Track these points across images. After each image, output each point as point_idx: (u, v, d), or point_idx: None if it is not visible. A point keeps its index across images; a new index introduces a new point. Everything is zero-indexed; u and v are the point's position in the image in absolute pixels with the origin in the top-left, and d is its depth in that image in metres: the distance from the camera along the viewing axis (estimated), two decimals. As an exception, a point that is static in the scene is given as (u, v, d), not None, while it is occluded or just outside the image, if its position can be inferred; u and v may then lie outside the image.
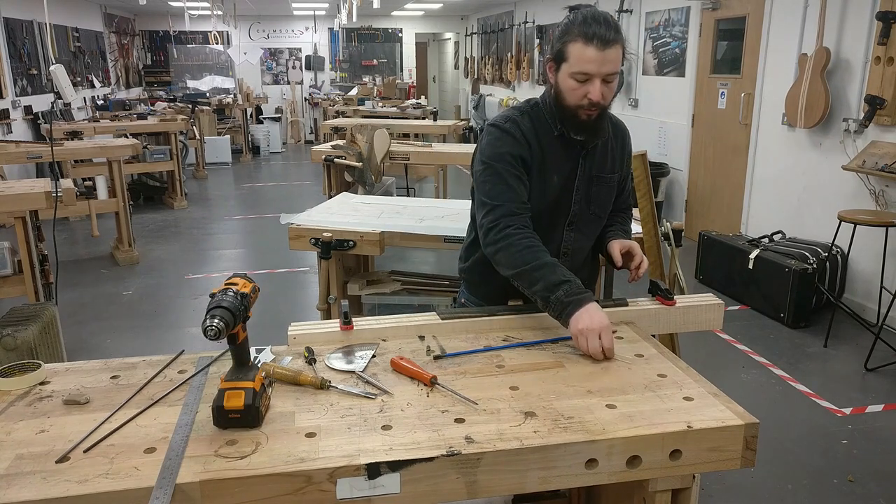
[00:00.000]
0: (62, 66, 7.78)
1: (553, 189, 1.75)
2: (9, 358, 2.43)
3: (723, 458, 1.22)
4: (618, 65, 1.61)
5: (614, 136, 1.83)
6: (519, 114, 1.76)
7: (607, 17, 1.61)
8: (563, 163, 1.75)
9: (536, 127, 1.74)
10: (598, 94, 1.61)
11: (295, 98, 13.91)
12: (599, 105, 1.64)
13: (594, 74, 1.60)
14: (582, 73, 1.60)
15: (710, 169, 6.00)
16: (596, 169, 1.79)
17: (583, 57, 1.58)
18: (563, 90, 1.66)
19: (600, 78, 1.61)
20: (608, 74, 1.61)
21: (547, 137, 1.73)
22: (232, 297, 1.22)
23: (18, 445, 1.16)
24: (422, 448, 1.14)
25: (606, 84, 1.63)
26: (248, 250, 6.15)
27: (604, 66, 1.59)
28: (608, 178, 1.82)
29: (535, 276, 1.59)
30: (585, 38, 1.57)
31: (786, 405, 3.28)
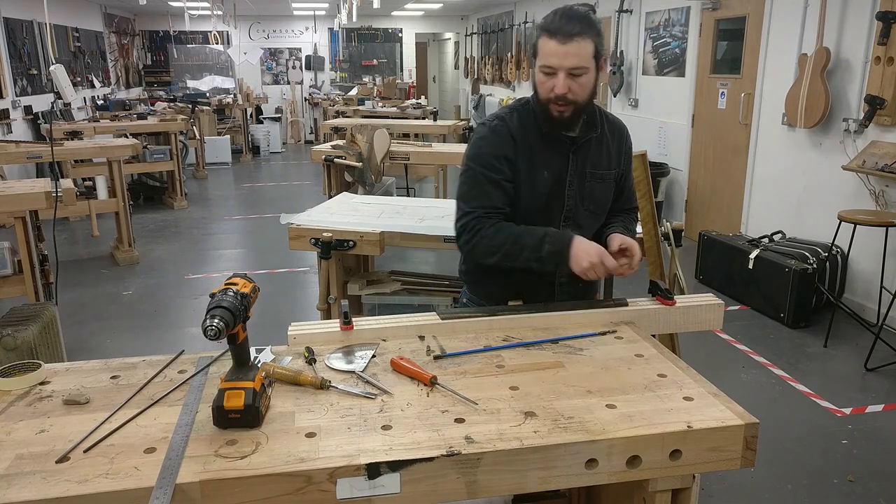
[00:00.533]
0: (62, 66, 7.78)
1: (544, 184, 1.76)
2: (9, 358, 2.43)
3: (723, 458, 1.22)
4: (583, 59, 1.62)
5: (611, 133, 1.84)
6: (508, 111, 1.80)
7: (575, 13, 1.62)
8: (553, 158, 1.76)
9: (524, 124, 1.76)
10: (562, 87, 1.63)
11: (295, 98, 13.91)
12: (566, 99, 1.65)
13: (557, 68, 1.62)
14: (547, 67, 1.64)
15: (710, 169, 6.00)
16: (590, 165, 1.80)
17: (546, 50, 1.62)
18: (537, 84, 1.70)
19: (564, 71, 1.62)
20: (572, 68, 1.62)
21: (535, 134, 1.75)
22: (232, 297, 1.22)
23: (18, 445, 1.16)
24: (422, 448, 1.14)
25: (574, 78, 1.64)
26: (248, 250, 6.15)
27: (566, 60, 1.61)
28: (603, 174, 1.82)
29: (518, 248, 1.69)
30: (549, 33, 1.61)
31: (786, 405, 3.28)
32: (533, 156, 1.75)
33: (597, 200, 1.84)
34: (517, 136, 1.75)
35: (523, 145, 1.75)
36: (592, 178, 1.81)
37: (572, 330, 1.66)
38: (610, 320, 1.71)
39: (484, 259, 1.76)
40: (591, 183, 1.81)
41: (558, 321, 1.70)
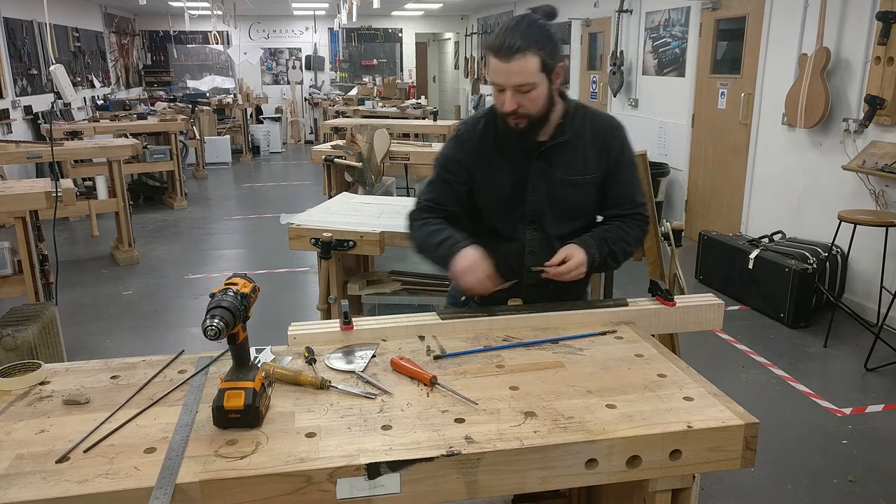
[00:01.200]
0: (62, 66, 7.79)
1: (503, 188, 1.78)
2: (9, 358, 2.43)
3: (723, 458, 1.22)
4: (528, 76, 1.58)
5: (592, 136, 1.78)
6: (479, 117, 1.84)
7: (518, 27, 1.58)
8: (514, 163, 1.76)
9: (489, 129, 1.78)
10: (510, 104, 1.62)
11: (295, 98, 13.91)
12: (517, 114, 1.64)
13: (504, 85, 1.61)
14: (494, 84, 1.64)
15: (710, 169, 6.00)
16: (560, 170, 1.76)
17: (492, 68, 1.62)
18: (493, 97, 1.70)
19: (511, 88, 1.60)
20: (518, 85, 1.59)
21: (498, 138, 1.77)
22: (232, 297, 1.22)
23: (18, 445, 1.16)
24: (422, 448, 1.14)
25: (523, 94, 1.61)
26: (248, 250, 6.15)
27: (510, 78, 1.59)
28: (577, 179, 1.77)
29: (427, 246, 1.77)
30: (492, 50, 1.60)
31: (786, 405, 3.28)
32: (494, 160, 1.78)
33: (569, 206, 1.80)
34: (479, 143, 1.78)
35: (485, 151, 1.78)
36: (563, 183, 1.76)
37: (572, 330, 1.66)
38: (610, 320, 1.71)
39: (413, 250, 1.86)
40: (563, 188, 1.77)
41: (558, 321, 1.70)
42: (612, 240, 1.77)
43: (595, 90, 8.32)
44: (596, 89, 8.29)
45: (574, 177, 1.78)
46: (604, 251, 1.74)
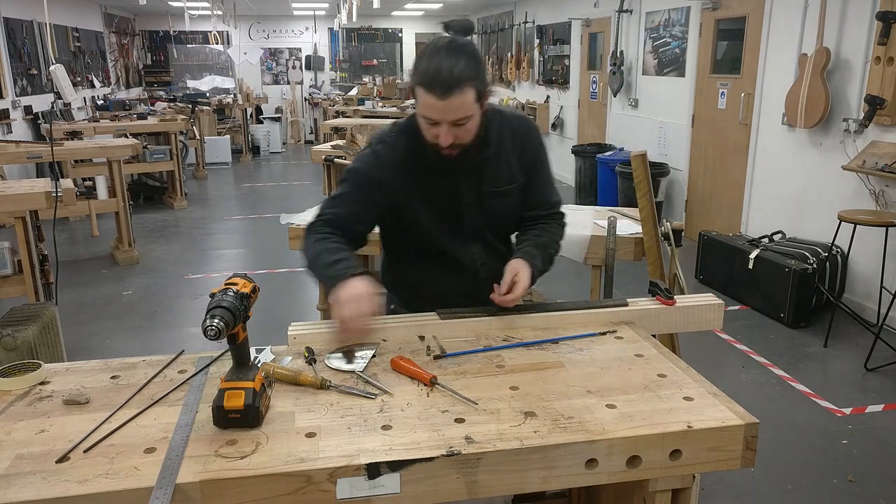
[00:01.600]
0: (62, 66, 7.78)
1: (438, 208, 1.71)
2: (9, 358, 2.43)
3: (723, 458, 1.22)
4: (465, 109, 1.53)
5: (512, 142, 1.75)
6: (397, 132, 1.73)
7: (448, 59, 1.49)
8: (442, 181, 1.70)
9: (411, 146, 1.69)
10: (446, 139, 1.56)
11: (295, 98, 13.91)
12: (453, 145, 1.59)
13: (439, 121, 1.54)
14: (429, 119, 1.56)
15: (710, 169, 6.00)
16: (488, 184, 1.73)
17: (426, 104, 1.53)
18: (420, 125, 1.61)
19: (446, 123, 1.54)
20: (455, 120, 1.54)
21: (423, 155, 1.67)
22: (232, 297, 1.22)
23: (18, 445, 1.16)
24: (422, 448, 1.14)
25: (458, 126, 1.56)
26: (248, 250, 6.15)
27: (446, 115, 1.53)
28: (504, 189, 1.75)
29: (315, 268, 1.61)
30: (426, 87, 1.50)
31: (786, 405, 3.28)
32: (422, 182, 1.69)
33: (501, 217, 1.79)
34: (400, 163, 1.69)
35: (410, 169, 1.69)
36: (493, 196, 1.74)
37: (572, 330, 1.66)
38: (610, 320, 1.71)
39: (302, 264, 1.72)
40: (493, 201, 1.74)
41: (558, 321, 1.70)
42: (547, 245, 1.78)
43: (595, 90, 8.32)
44: (596, 89, 8.29)
45: (503, 187, 1.75)
46: (546, 259, 1.75)
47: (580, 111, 8.80)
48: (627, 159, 6.09)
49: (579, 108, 8.81)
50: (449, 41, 1.55)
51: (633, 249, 2.58)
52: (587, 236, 2.59)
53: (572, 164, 7.93)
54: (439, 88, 1.49)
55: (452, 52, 1.52)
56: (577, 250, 2.61)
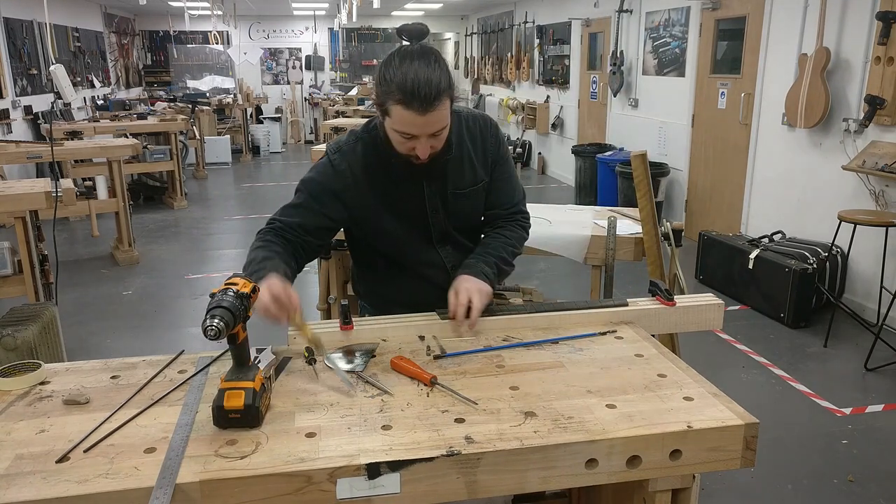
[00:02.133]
0: (62, 66, 7.78)
1: (403, 216, 1.70)
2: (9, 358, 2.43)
3: (723, 458, 1.22)
4: (444, 120, 1.52)
5: (472, 143, 1.73)
6: (354, 141, 1.70)
7: (429, 75, 1.45)
8: (405, 186, 1.68)
9: (369, 154, 1.67)
10: (425, 151, 1.55)
11: (295, 98, 13.91)
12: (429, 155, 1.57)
13: (418, 135, 1.52)
14: (406, 133, 1.52)
15: (710, 169, 6.00)
16: (452, 186, 1.72)
17: (405, 120, 1.49)
18: (391, 139, 1.58)
19: (425, 136, 1.53)
20: (434, 132, 1.53)
21: (384, 162, 1.65)
22: (232, 297, 1.22)
23: (18, 445, 1.16)
24: (422, 448, 1.14)
25: (436, 136, 1.55)
26: (248, 250, 6.13)
27: (427, 128, 1.51)
28: (468, 191, 1.74)
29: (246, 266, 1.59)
30: (404, 103, 1.46)
31: (786, 405, 3.28)
32: (384, 185, 1.67)
33: (467, 217, 1.78)
34: (359, 173, 1.66)
35: (371, 178, 1.66)
36: (456, 197, 1.73)
37: (572, 330, 1.66)
38: (610, 320, 1.71)
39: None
40: (457, 203, 1.74)
41: (558, 321, 1.70)
42: (497, 248, 1.77)
43: (595, 90, 8.32)
44: (596, 89, 8.29)
45: (466, 189, 1.74)
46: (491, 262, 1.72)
47: (580, 111, 8.80)
48: (627, 159, 6.09)
49: (579, 108, 8.81)
50: (418, 50, 1.51)
51: (633, 249, 2.58)
52: (587, 236, 2.59)
53: (572, 164, 7.93)
54: (420, 104, 1.45)
55: (425, 63, 1.47)
56: (577, 250, 2.60)
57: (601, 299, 2.42)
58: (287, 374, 1.43)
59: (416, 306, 1.73)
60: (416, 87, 1.44)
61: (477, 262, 1.72)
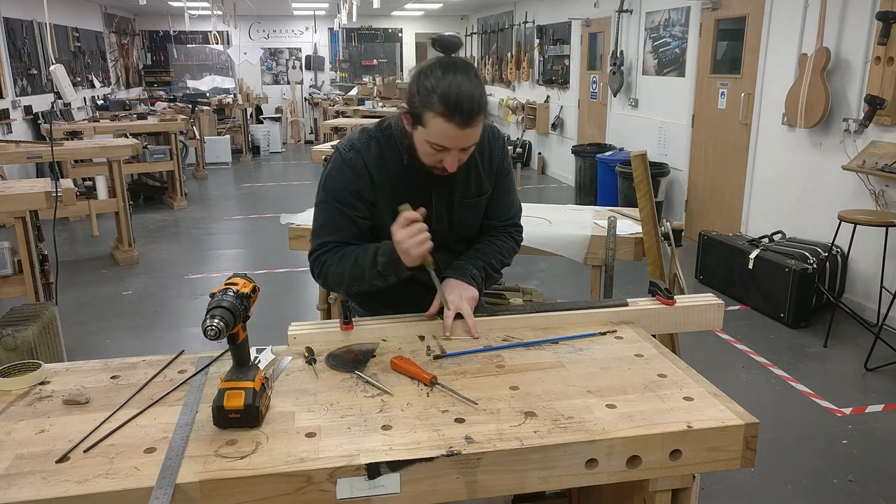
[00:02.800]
0: (62, 66, 7.78)
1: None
2: (9, 358, 2.43)
3: (723, 458, 1.22)
4: (478, 135, 1.53)
5: (479, 153, 1.73)
6: (367, 139, 1.67)
7: (471, 90, 1.46)
8: (417, 189, 1.66)
9: (384, 154, 1.65)
10: (454, 165, 1.55)
11: (295, 98, 13.91)
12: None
13: (451, 148, 1.52)
14: (439, 146, 1.52)
15: (710, 169, 6.00)
16: (459, 195, 1.72)
17: (443, 133, 1.48)
18: (419, 149, 1.57)
19: (457, 150, 1.53)
20: (467, 147, 1.54)
21: (395, 165, 1.65)
22: (232, 297, 1.22)
23: (18, 445, 1.16)
24: (422, 448, 1.14)
25: (465, 151, 1.55)
26: (248, 250, 6.15)
27: (462, 143, 1.51)
28: (473, 202, 1.75)
29: (359, 270, 1.60)
30: (448, 117, 1.45)
31: (786, 405, 3.28)
32: (396, 188, 1.65)
33: (468, 227, 1.78)
34: (374, 172, 1.64)
35: (383, 180, 1.65)
36: (462, 206, 1.73)
37: (572, 330, 1.66)
38: (610, 320, 1.71)
39: (337, 288, 1.71)
40: (461, 212, 1.74)
41: (558, 321, 1.70)
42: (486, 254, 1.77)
43: (595, 90, 8.32)
44: (596, 89, 8.29)
45: (472, 199, 1.75)
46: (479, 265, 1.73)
47: (580, 111, 8.80)
48: (627, 159, 6.09)
49: (579, 108, 8.81)
50: (460, 62, 1.51)
51: (633, 249, 2.58)
52: (587, 236, 2.59)
53: (572, 164, 7.93)
54: (462, 118, 1.45)
55: (467, 77, 1.47)
56: (577, 250, 2.60)
57: (601, 299, 2.42)
58: (287, 374, 1.43)
59: (402, 308, 1.73)
60: (460, 101, 1.44)
61: (466, 265, 1.73)
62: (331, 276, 1.65)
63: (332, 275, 1.65)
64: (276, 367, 1.46)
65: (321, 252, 1.67)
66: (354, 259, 1.61)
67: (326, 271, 1.65)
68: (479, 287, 1.71)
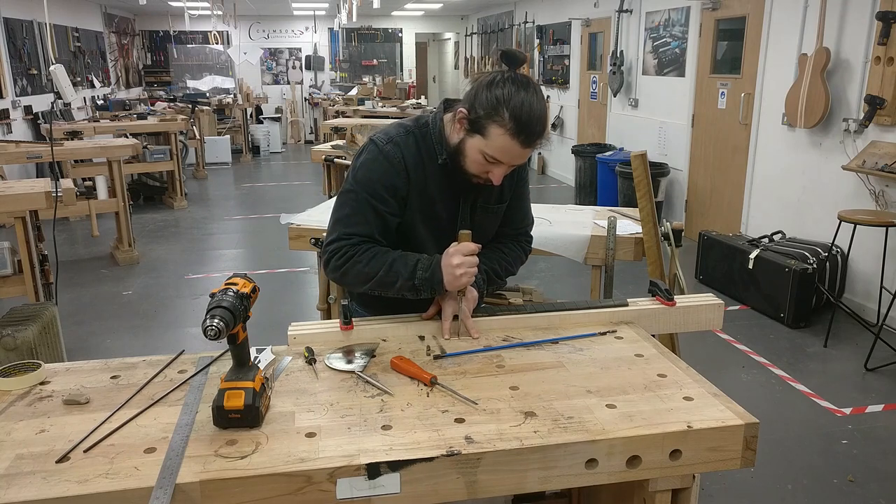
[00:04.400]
0: (62, 66, 7.78)
1: (438, 217, 1.67)
2: (9, 358, 2.43)
3: (723, 458, 1.22)
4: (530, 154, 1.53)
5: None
6: (404, 133, 1.63)
7: (542, 112, 1.46)
8: (446, 190, 1.65)
9: (421, 151, 1.62)
10: (501, 178, 1.55)
11: (295, 98, 13.91)
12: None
13: (506, 163, 1.52)
14: (495, 159, 1.51)
15: (710, 169, 6.00)
16: (483, 199, 1.71)
17: (504, 148, 1.48)
18: (467, 155, 1.55)
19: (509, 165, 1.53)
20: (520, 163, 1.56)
21: (431, 164, 1.62)
22: (232, 297, 1.22)
23: (18, 445, 1.16)
24: (422, 448, 1.14)
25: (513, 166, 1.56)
26: (248, 250, 6.15)
27: (518, 160, 1.53)
28: (494, 207, 1.74)
29: (392, 277, 1.56)
30: (514, 134, 1.45)
31: (786, 405, 3.28)
32: (427, 187, 1.62)
33: (485, 233, 1.76)
34: (411, 167, 1.60)
35: (418, 176, 1.61)
36: (484, 211, 1.72)
37: (572, 330, 1.66)
38: (610, 320, 1.71)
39: (354, 287, 1.65)
40: (482, 216, 1.73)
41: (558, 321, 1.70)
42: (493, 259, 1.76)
43: (595, 90, 8.32)
44: (596, 89, 8.29)
45: (495, 205, 1.74)
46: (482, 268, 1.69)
47: (580, 111, 8.80)
48: (627, 159, 6.09)
49: (579, 108, 8.81)
50: (530, 81, 1.50)
51: (633, 249, 2.58)
52: (587, 236, 2.59)
53: (572, 164, 7.94)
54: (527, 138, 1.45)
55: (537, 97, 1.47)
56: (576, 250, 2.60)
57: (601, 299, 2.42)
58: (287, 375, 1.43)
59: (406, 310, 1.73)
60: (531, 121, 1.45)
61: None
62: (354, 273, 1.58)
63: (357, 273, 1.58)
64: (276, 367, 1.46)
65: (346, 244, 1.58)
66: (390, 264, 1.56)
67: (350, 267, 1.58)
68: (481, 290, 1.70)
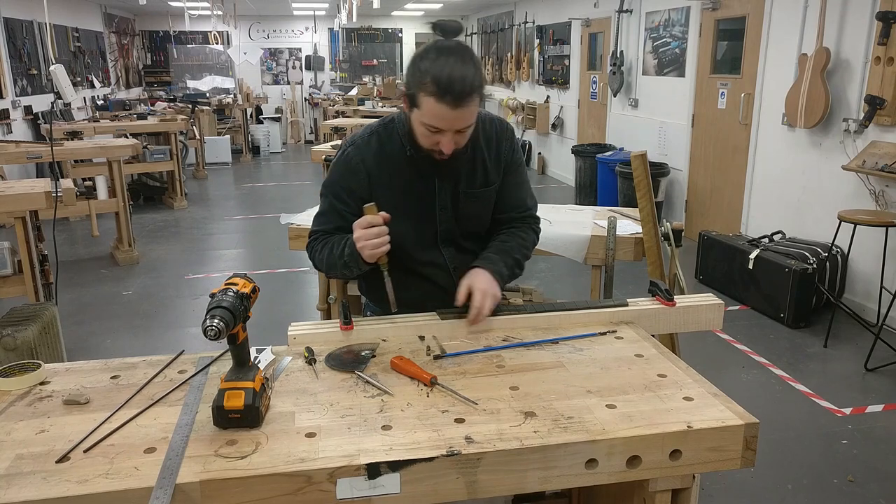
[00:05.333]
0: (62, 66, 7.78)
1: (412, 211, 1.69)
2: (9, 358, 2.43)
3: (723, 458, 1.22)
4: (471, 117, 1.54)
5: (486, 144, 1.74)
6: (368, 135, 1.71)
7: (464, 71, 1.47)
8: (417, 182, 1.69)
9: (385, 148, 1.68)
10: (449, 146, 1.56)
11: (295, 98, 13.91)
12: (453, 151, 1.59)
13: (445, 130, 1.54)
14: (433, 127, 1.53)
15: (710, 169, 6.00)
16: (464, 185, 1.72)
17: (436, 113, 1.50)
18: (416, 131, 1.60)
19: (451, 132, 1.54)
20: (461, 129, 1.55)
21: (397, 158, 1.67)
22: (232, 297, 1.22)
23: (18, 445, 1.16)
24: (422, 448, 1.14)
25: (460, 133, 1.56)
26: (247, 250, 6.15)
27: (456, 123, 1.53)
28: (479, 192, 1.75)
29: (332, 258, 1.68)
30: (438, 96, 1.47)
31: (786, 405, 3.28)
32: (394, 182, 1.68)
33: (474, 220, 1.78)
34: (371, 167, 1.67)
35: (382, 173, 1.67)
36: (467, 197, 1.73)
37: (572, 330, 1.66)
38: (610, 320, 1.71)
39: (329, 274, 1.81)
40: (466, 203, 1.74)
41: (558, 321, 1.70)
42: (512, 249, 1.77)
43: (595, 90, 8.32)
44: (596, 89, 8.29)
45: (478, 189, 1.75)
46: (511, 263, 1.73)
47: (580, 111, 8.80)
48: (627, 159, 6.09)
49: (579, 108, 8.81)
50: (455, 45, 1.53)
51: (633, 249, 2.58)
52: (587, 236, 2.59)
53: (572, 164, 7.93)
54: (453, 98, 1.47)
55: (461, 59, 1.49)
56: (576, 250, 2.60)
57: (601, 299, 2.42)
58: (287, 375, 1.43)
59: (416, 306, 1.73)
60: (451, 82, 1.46)
61: (496, 261, 1.71)
62: (318, 262, 1.75)
63: (319, 261, 1.74)
64: (276, 367, 1.46)
65: (312, 239, 1.78)
66: (331, 248, 1.69)
67: (315, 257, 1.76)
68: (502, 287, 1.70)
